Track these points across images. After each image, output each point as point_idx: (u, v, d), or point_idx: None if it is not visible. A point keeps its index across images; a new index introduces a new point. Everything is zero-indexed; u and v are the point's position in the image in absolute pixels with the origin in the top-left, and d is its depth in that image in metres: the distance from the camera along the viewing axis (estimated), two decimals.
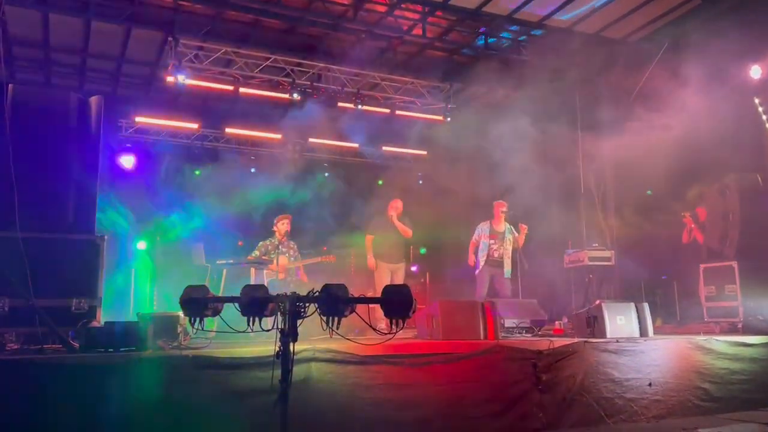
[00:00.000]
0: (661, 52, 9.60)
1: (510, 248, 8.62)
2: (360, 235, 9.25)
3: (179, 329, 5.13)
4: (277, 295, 3.22)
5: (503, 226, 8.76)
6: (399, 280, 8.69)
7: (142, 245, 12.04)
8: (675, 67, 8.69)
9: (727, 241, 7.33)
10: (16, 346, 4.58)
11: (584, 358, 4.94)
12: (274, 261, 8.14)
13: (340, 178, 14.04)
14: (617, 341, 5.30)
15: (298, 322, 3.18)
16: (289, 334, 3.12)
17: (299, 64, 11.07)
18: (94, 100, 5.33)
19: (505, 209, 8.75)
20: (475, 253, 8.72)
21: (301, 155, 14.16)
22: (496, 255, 8.62)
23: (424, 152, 15.15)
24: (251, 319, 3.25)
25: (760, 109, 8.17)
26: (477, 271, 8.71)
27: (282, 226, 8.44)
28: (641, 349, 5.24)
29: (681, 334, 6.63)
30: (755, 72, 8.42)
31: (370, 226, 9.02)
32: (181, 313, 4.86)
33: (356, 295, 3.31)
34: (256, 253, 8.42)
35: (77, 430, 3.57)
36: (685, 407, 5.13)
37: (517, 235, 8.67)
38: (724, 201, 7.50)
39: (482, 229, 8.80)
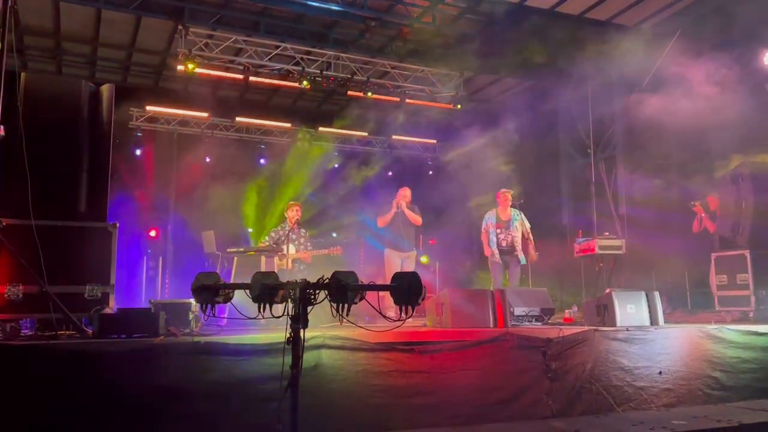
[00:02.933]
0: (674, 39, 9.50)
1: (518, 235, 8.52)
2: (370, 224, 9.25)
3: (191, 316, 5.18)
4: (288, 282, 3.24)
5: (509, 213, 8.63)
6: (409, 268, 8.68)
7: (153, 232, 12.14)
8: (687, 55, 8.60)
9: (739, 229, 7.27)
10: (30, 333, 4.65)
11: (594, 347, 4.94)
12: (284, 249, 8.16)
13: (349, 167, 14.06)
14: (627, 330, 5.29)
15: (309, 309, 3.20)
16: (299, 321, 3.15)
17: (309, 53, 11.05)
18: (105, 89, 5.36)
19: (510, 197, 8.63)
20: (489, 244, 8.61)
21: (311, 144, 14.20)
22: (504, 244, 8.53)
23: (434, 141, 15.13)
24: (262, 306, 3.27)
25: None
26: (490, 262, 8.62)
27: (293, 213, 8.45)
28: (651, 337, 5.23)
29: (692, 322, 6.60)
30: None
31: (379, 214, 9.00)
32: (192, 300, 4.90)
33: (366, 283, 3.32)
34: (267, 240, 8.45)
35: (90, 415, 3.62)
36: (696, 396, 5.12)
37: (525, 220, 8.57)
38: (736, 189, 7.44)
39: (489, 218, 8.68)
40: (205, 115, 13.14)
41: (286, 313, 3.21)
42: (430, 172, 15.42)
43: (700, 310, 8.32)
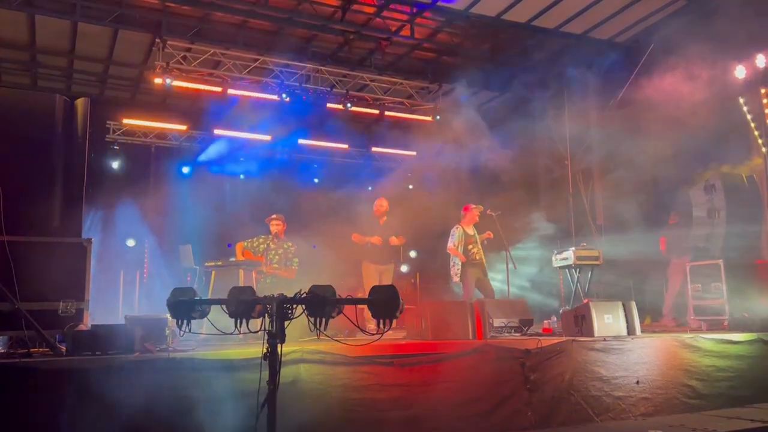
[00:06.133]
0: (647, 52, 9.68)
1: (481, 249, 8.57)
2: (349, 236, 9.19)
3: (167, 332, 5.11)
4: (265, 296, 3.22)
5: (473, 228, 8.68)
6: (387, 281, 8.65)
7: (131, 244, 12.02)
8: (661, 67, 8.76)
9: (713, 239, 7.39)
10: (2, 350, 4.56)
11: (572, 357, 4.97)
12: (263, 262, 8.09)
13: (329, 179, 14.05)
14: (605, 340, 5.34)
15: (286, 323, 3.18)
16: (276, 336, 3.13)
17: (288, 65, 11.06)
18: (80, 103, 5.29)
19: (479, 213, 8.69)
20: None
21: (290, 156, 14.16)
22: (477, 257, 8.53)
23: (413, 153, 15.16)
24: (239, 320, 3.25)
25: (745, 108, 8.24)
26: (459, 276, 8.54)
27: (273, 226, 8.36)
28: (629, 347, 5.29)
29: (668, 332, 6.68)
30: (740, 72, 8.49)
31: (357, 227, 8.94)
32: (168, 316, 4.85)
33: (345, 296, 3.31)
34: (246, 244, 8.28)
35: None
36: (672, 404, 5.17)
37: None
38: (709, 199, 7.56)
39: (461, 233, 8.56)
40: (183, 127, 13.04)
41: (263, 328, 3.19)
42: (411, 186, 15.42)
43: (677, 318, 8.41)
